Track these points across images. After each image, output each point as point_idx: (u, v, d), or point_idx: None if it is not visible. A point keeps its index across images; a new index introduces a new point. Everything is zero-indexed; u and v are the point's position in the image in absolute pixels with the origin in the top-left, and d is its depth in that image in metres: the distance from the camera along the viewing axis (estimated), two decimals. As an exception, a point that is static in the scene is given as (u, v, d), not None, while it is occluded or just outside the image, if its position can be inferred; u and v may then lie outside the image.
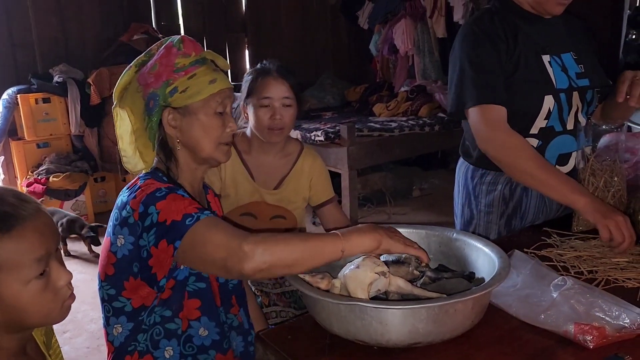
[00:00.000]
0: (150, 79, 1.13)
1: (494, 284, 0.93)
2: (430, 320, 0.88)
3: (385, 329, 0.88)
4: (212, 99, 1.15)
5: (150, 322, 1.14)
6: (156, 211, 1.04)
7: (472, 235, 1.17)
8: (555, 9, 1.43)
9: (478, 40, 1.44)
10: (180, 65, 1.13)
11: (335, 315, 0.93)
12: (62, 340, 2.53)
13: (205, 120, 1.15)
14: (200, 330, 1.17)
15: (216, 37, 5.06)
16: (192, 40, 1.18)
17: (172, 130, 1.16)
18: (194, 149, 1.18)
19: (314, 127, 3.88)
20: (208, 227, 1.01)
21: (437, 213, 3.92)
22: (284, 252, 0.95)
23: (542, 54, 1.46)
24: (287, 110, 1.66)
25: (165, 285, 1.12)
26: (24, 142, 3.96)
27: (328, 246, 0.96)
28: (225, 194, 1.71)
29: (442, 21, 4.55)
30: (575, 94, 1.48)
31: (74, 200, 3.94)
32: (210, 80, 1.15)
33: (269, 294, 1.66)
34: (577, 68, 1.50)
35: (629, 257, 1.23)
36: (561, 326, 0.93)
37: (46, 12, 4.16)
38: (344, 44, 5.81)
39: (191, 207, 1.04)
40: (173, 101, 1.13)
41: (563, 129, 1.48)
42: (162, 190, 1.07)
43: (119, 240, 1.11)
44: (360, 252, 0.99)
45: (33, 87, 3.93)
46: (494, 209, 1.54)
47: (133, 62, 1.18)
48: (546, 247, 1.31)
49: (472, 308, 0.90)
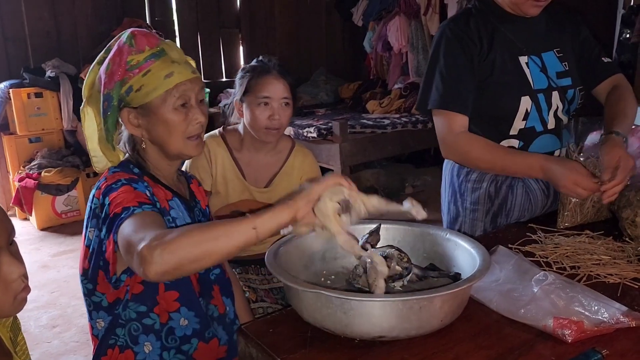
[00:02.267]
0: (105, 79, 1.10)
1: (460, 285, 0.92)
2: (393, 315, 0.88)
3: (349, 320, 0.89)
4: (170, 94, 1.10)
5: (126, 317, 1.14)
6: (108, 202, 1.03)
7: (460, 235, 1.15)
8: (531, 10, 1.44)
9: (450, 43, 1.46)
10: (133, 63, 1.09)
11: (304, 303, 0.94)
12: (51, 334, 2.53)
13: (167, 117, 1.11)
14: (180, 320, 1.17)
15: (210, 33, 5.05)
16: (146, 33, 1.12)
17: (135, 130, 1.14)
18: (161, 146, 1.15)
19: (307, 124, 3.89)
20: (129, 224, 0.95)
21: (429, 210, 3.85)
22: (187, 247, 0.84)
23: (519, 56, 1.47)
24: (284, 110, 1.65)
25: (124, 281, 1.10)
26: (15, 137, 3.94)
27: (236, 227, 0.87)
28: (215, 191, 1.70)
29: (437, 18, 4.56)
30: (555, 93, 1.48)
31: (66, 196, 3.93)
32: (166, 74, 1.10)
33: (256, 290, 1.66)
34: (560, 66, 1.51)
35: (611, 254, 1.24)
36: (540, 320, 0.94)
37: (38, 6, 4.14)
38: (338, 40, 5.81)
39: (135, 200, 1.01)
40: (131, 101, 1.10)
41: (544, 128, 1.49)
42: (119, 181, 1.05)
43: (90, 233, 1.10)
44: (276, 225, 0.90)
45: (25, 81, 3.91)
46: (479, 207, 1.55)
47: (96, 60, 1.15)
48: (530, 243, 1.31)
49: (440, 307, 0.90)
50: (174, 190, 1.19)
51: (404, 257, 1.06)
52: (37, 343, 2.47)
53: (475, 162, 1.49)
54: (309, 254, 1.17)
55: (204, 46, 5.04)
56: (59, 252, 3.47)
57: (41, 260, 3.37)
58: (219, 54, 5.16)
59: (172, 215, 1.15)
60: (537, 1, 1.41)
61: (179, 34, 4.88)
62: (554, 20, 1.55)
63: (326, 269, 1.19)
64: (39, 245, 3.61)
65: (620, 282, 1.11)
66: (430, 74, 1.49)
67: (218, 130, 1.77)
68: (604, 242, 1.30)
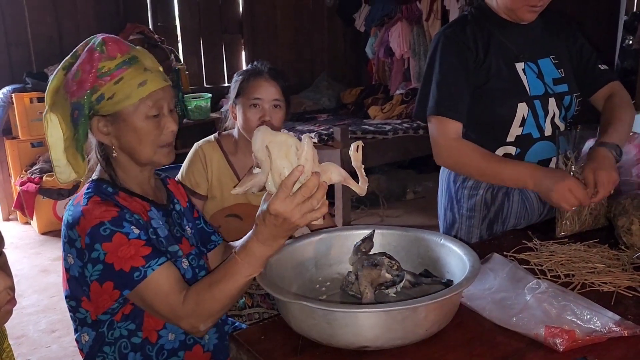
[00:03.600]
0: (74, 87, 1.07)
1: (443, 295, 0.90)
2: (377, 326, 0.88)
3: (333, 330, 0.89)
4: (143, 102, 1.08)
5: (115, 335, 1.14)
6: (103, 251, 1.03)
7: (454, 241, 1.14)
8: (527, 15, 1.44)
9: (446, 50, 1.46)
10: (105, 70, 1.06)
11: (290, 313, 0.95)
12: (50, 339, 2.53)
13: (139, 126, 1.09)
14: (169, 336, 1.17)
15: (212, 38, 5.07)
16: (116, 39, 1.10)
17: (104, 138, 1.12)
18: (131, 154, 1.13)
19: (308, 129, 3.90)
20: (153, 290, 1.04)
21: (430, 216, 3.91)
22: (214, 307, 1.03)
23: (515, 62, 1.47)
24: (276, 112, 1.67)
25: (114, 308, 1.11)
26: (18, 141, 3.96)
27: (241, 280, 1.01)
28: (211, 195, 1.71)
29: (438, 24, 4.57)
30: (552, 100, 1.49)
31: (67, 200, 3.94)
32: (140, 82, 1.07)
33: (252, 295, 1.66)
34: (557, 73, 1.51)
35: (606, 262, 1.23)
36: (532, 329, 0.94)
37: (41, 11, 4.17)
38: (340, 46, 5.83)
39: (137, 255, 1.03)
40: (101, 108, 1.07)
41: (541, 135, 1.49)
42: (105, 225, 1.03)
43: (69, 259, 1.09)
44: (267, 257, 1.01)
45: (28, 86, 3.94)
46: (475, 214, 1.55)
47: (61, 64, 1.11)
48: (526, 251, 1.31)
49: (424, 316, 0.89)
50: (150, 199, 1.18)
51: (394, 264, 1.06)
52: (36, 347, 2.47)
53: (466, 169, 1.49)
54: (302, 261, 1.17)
55: (206, 51, 5.06)
56: (60, 257, 3.42)
57: (41, 264, 3.38)
58: (221, 59, 5.18)
59: (153, 225, 1.15)
60: (533, 6, 1.41)
61: (182, 39, 4.91)
62: (550, 27, 1.55)
63: (321, 275, 1.19)
64: (39, 250, 3.62)
65: (615, 290, 1.11)
66: (426, 81, 1.50)
67: (214, 135, 1.78)
68: (599, 250, 1.30)
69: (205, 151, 1.72)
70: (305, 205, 0.91)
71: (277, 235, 0.96)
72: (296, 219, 0.92)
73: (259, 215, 0.96)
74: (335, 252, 1.21)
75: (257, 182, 0.95)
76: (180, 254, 1.18)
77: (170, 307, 1.04)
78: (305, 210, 0.92)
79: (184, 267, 1.18)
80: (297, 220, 0.92)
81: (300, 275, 1.16)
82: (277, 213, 0.91)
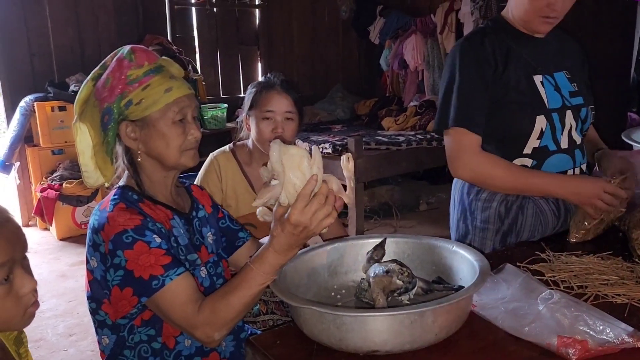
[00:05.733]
0: (104, 93, 1.12)
1: (451, 300, 0.92)
2: (385, 330, 0.90)
3: (342, 335, 0.91)
4: (169, 108, 1.13)
5: (135, 340, 1.17)
6: (124, 258, 1.06)
7: (466, 248, 1.15)
8: (541, 27, 1.45)
9: (465, 63, 1.47)
10: (133, 77, 1.11)
11: (302, 318, 0.97)
12: (68, 342, 2.58)
13: (165, 130, 1.14)
14: (185, 342, 1.20)
15: (229, 49, 5.15)
16: (144, 49, 1.16)
17: (132, 143, 1.16)
18: (157, 158, 1.17)
19: (323, 140, 3.93)
20: (170, 299, 1.06)
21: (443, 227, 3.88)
22: (229, 315, 1.05)
23: (533, 75, 1.48)
24: (288, 124, 1.70)
25: (133, 313, 1.14)
26: (39, 149, 4.05)
27: (254, 288, 1.04)
28: (226, 205, 1.74)
29: (453, 37, 4.59)
30: (569, 112, 1.49)
31: (86, 207, 4.01)
32: (166, 89, 1.12)
33: (267, 302, 1.68)
34: (571, 87, 1.52)
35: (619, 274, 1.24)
36: (545, 339, 0.95)
37: (64, 23, 4.28)
38: (354, 58, 5.88)
39: (157, 264, 1.06)
40: (129, 114, 1.12)
41: (557, 148, 1.49)
42: (128, 233, 1.06)
43: (92, 262, 1.13)
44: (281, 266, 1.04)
45: (49, 95, 4.02)
46: (489, 225, 1.55)
47: (90, 76, 1.17)
48: (539, 262, 1.32)
49: (433, 321, 0.91)
50: (173, 207, 1.22)
51: (405, 271, 1.08)
52: (54, 351, 2.51)
53: (495, 182, 1.48)
54: (317, 270, 1.19)
55: (223, 62, 5.14)
56: (78, 262, 3.53)
57: (60, 269, 3.44)
58: (237, 70, 5.25)
59: (174, 234, 1.18)
60: (547, 17, 1.42)
61: (199, 50, 4.99)
62: (564, 44, 1.57)
63: (336, 283, 1.21)
64: (58, 255, 3.68)
65: (628, 302, 1.11)
66: (446, 94, 1.49)
67: (228, 145, 1.82)
68: (613, 262, 1.30)
69: (220, 162, 1.76)
70: (321, 211, 0.96)
71: (294, 244, 1.00)
72: (314, 226, 0.96)
73: (275, 226, 1.00)
74: (349, 260, 1.23)
75: (275, 194, 1.00)
76: (198, 262, 1.22)
77: (186, 316, 1.06)
78: (322, 216, 0.96)
79: (202, 275, 1.21)
80: (315, 227, 0.96)
81: (316, 283, 1.18)
82: (298, 222, 0.95)
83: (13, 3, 4.05)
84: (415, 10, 5.05)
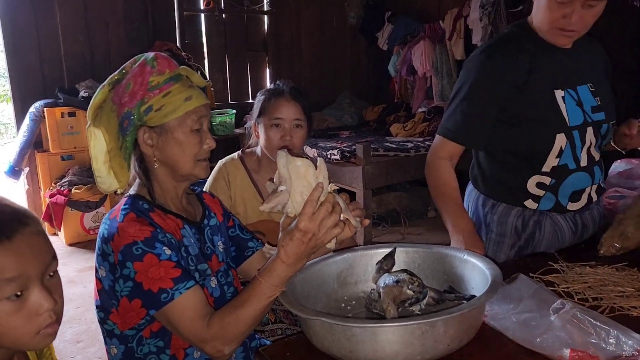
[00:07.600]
0: (125, 98, 1.12)
1: (462, 309, 0.90)
2: (395, 341, 0.88)
3: (353, 346, 0.90)
4: (188, 116, 1.14)
5: (144, 351, 1.16)
6: (134, 270, 1.05)
7: (477, 256, 1.14)
8: (560, 40, 1.40)
9: (480, 76, 1.44)
10: (154, 84, 1.12)
11: (312, 329, 0.96)
12: (75, 349, 2.58)
13: (182, 138, 1.14)
14: (195, 354, 1.19)
15: (237, 55, 5.17)
16: (166, 57, 1.17)
17: (148, 149, 1.16)
18: (172, 166, 1.17)
19: (331, 146, 3.92)
20: (179, 313, 1.05)
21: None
22: (239, 329, 1.04)
23: (555, 89, 1.42)
24: (297, 131, 1.70)
25: (141, 324, 1.14)
26: (48, 154, 4.07)
27: (263, 301, 1.02)
28: (234, 212, 1.74)
29: (461, 43, 4.57)
30: (590, 129, 1.44)
31: (94, 212, 4.03)
32: (186, 97, 1.13)
33: (275, 311, 1.67)
34: (594, 101, 1.46)
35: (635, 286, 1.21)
36: (556, 351, 0.93)
37: (74, 30, 4.31)
38: (362, 64, 5.88)
39: (167, 277, 1.05)
40: (148, 120, 1.13)
41: (577, 166, 1.45)
42: (138, 245, 1.06)
43: (101, 271, 1.12)
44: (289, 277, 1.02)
45: (59, 101, 4.05)
46: (505, 239, 1.53)
47: (107, 81, 1.17)
48: (552, 273, 1.30)
49: (444, 331, 0.89)
50: (183, 216, 1.21)
51: (416, 281, 1.06)
52: (62, 358, 2.51)
53: (431, 190, 1.53)
54: (327, 280, 1.18)
55: (231, 68, 5.16)
56: (86, 268, 3.54)
57: (68, 275, 3.45)
58: (245, 76, 5.27)
59: (185, 243, 1.17)
60: (564, 30, 1.36)
61: (208, 56, 5.01)
62: (592, 53, 1.52)
63: (347, 294, 1.20)
64: (66, 261, 3.69)
65: (645, 315, 1.09)
66: (452, 103, 1.48)
67: (237, 152, 1.82)
68: (628, 274, 1.28)
69: (228, 169, 1.75)
70: (329, 220, 0.95)
71: (302, 253, 0.98)
72: (322, 234, 0.95)
73: (283, 237, 0.99)
74: (359, 270, 1.22)
75: (283, 200, 1.00)
76: (209, 272, 1.21)
77: (195, 331, 1.05)
78: (330, 225, 0.95)
79: (212, 285, 1.21)
80: (323, 236, 0.96)
81: (326, 294, 1.17)
82: (307, 229, 0.94)
83: (24, 10, 4.09)
84: (424, 16, 5.04)
